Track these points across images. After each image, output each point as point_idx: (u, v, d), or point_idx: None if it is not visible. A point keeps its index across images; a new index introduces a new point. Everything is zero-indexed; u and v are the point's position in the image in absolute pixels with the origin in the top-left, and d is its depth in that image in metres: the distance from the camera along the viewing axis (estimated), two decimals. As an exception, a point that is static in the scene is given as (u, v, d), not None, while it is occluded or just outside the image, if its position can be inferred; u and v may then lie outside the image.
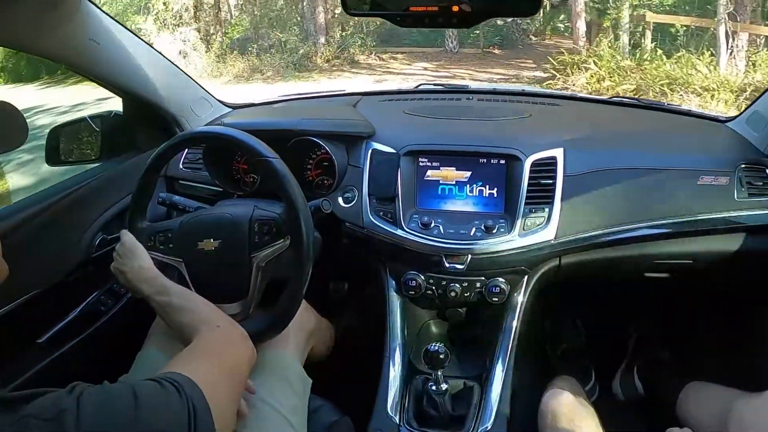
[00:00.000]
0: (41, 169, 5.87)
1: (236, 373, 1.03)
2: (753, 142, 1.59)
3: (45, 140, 1.71)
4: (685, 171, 1.50)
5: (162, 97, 1.66)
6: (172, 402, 0.79)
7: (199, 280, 1.30)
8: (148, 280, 1.22)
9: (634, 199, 1.49)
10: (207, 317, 1.12)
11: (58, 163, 1.72)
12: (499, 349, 1.48)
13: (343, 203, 1.55)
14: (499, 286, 1.49)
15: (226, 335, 1.08)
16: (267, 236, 1.27)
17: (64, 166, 1.75)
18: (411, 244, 1.48)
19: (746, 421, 1.23)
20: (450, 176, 1.53)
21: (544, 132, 1.59)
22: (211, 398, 0.84)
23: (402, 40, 13.30)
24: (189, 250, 1.29)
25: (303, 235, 1.22)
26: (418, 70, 11.86)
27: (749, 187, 1.48)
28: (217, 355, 1.01)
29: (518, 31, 12.83)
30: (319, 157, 1.63)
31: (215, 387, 0.88)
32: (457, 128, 1.64)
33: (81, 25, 1.28)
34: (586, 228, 1.47)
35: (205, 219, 1.32)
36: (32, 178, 6.28)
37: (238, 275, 1.27)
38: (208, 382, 0.86)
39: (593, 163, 1.50)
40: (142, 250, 1.26)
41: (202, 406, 0.81)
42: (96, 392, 0.75)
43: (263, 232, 1.27)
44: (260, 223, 1.27)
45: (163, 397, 0.79)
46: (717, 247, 1.54)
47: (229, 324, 1.12)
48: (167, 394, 0.79)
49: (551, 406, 1.35)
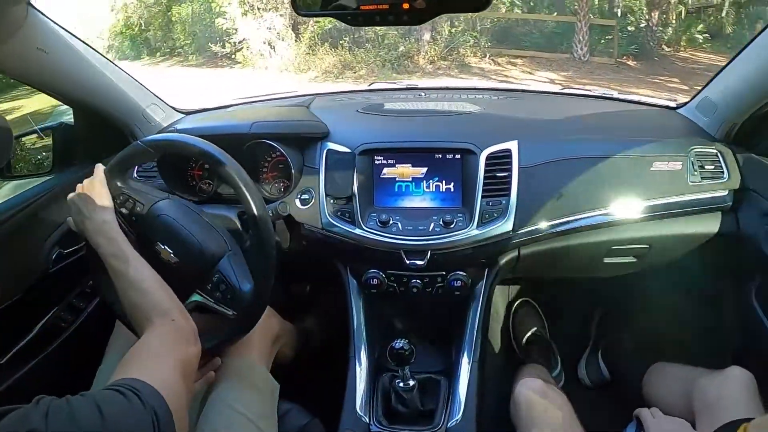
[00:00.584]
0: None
1: (189, 372, 1.03)
2: (703, 127, 1.63)
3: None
4: (638, 158, 1.52)
5: (113, 105, 1.63)
6: (135, 411, 0.79)
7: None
8: (108, 238, 1.16)
9: (590, 188, 1.51)
10: (161, 305, 1.08)
11: (8, 177, 1.68)
12: (464, 341, 1.49)
13: (301, 205, 1.54)
14: (461, 279, 1.51)
15: (179, 332, 1.06)
16: (218, 293, 1.24)
17: (15, 180, 1.72)
18: (370, 243, 1.48)
19: (710, 397, 1.26)
20: (406, 173, 1.54)
21: (498, 125, 1.60)
22: (171, 402, 0.84)
23: (521, 41, 11.54)
24: (146, 240, 1.25)
25: (264, 238, 1.22)
26: (541, 79, 9.96)
27: (701, 171, 1.51)
28: (171, 354, 0.99)
29: (652, 39, 10.94)
30: (274, 159, 1.62)
31: (173, 389, 0.88)
32: (411, 125, 1.64)
33: (28, 34, 1.25)
34: (543, 218, 1.49)
35: (175, 228, 1.26)
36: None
37: (177, 292, 1.21)
38: (166, 386, 0.86)
39: (547, 154, 1.52)
40: (110, 201, 1.21)
41: (163, 411, 0.82)
42: (62, 408, 0.74)
43: (218, 288, 1.24)
44: (221, 278, 1.24)
45: (126, 407, 0.79)
46: (672, 231, 1.57)
47: (183, 319, 1.09)
48: (129, 402, 0.79)
49: (524, 395, 1.37)
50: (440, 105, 1.74)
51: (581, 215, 1.50)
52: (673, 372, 1.56)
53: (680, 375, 1.49)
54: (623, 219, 1.52)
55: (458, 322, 1.55)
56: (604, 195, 1.51)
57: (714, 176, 1.51)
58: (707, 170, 1.52)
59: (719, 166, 1.52)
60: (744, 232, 1.51)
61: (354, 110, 1.72)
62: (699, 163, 1.52)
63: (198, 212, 1.33)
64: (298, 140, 1.60)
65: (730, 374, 1.28)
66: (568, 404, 1.36)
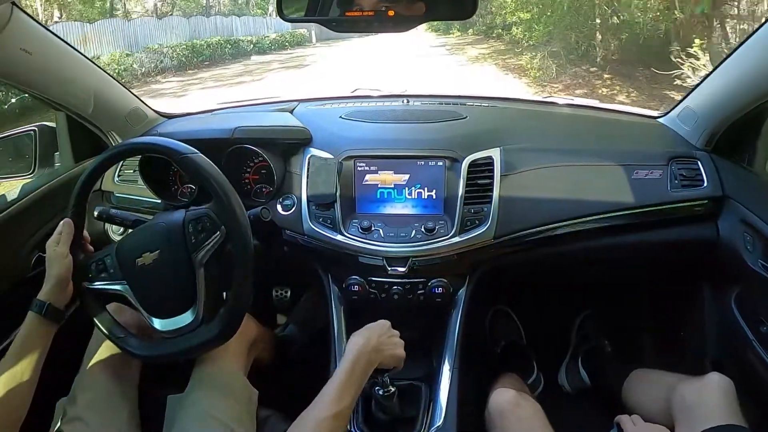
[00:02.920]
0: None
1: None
2: (684, 136, 1.64)
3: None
4: (619, 166, 1.54)
5: (95, 108, 1.62)
6: None
7: (147, 297, 1.27)
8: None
9: (571, 196, 1.52)
10: None
11: None
12: (445, 348, 1.49)
13: (283, 210, 1.54)
14: (442, 286, 1.51)
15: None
16: (203, 233, 1.23)
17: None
18: (352, 249, 1.49)
19: (689, 402, 1.27)
20: (388, 180, 1.54)
21: (481, 133, 1.60)
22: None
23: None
24: (129, 270, 1.26)
25: (238, 223, 1.21)
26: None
27: (682, 179, 1.53)
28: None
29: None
30: (256, 164, 1.62)
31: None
32: (394, 132, 1.64)
33: (12, 34, 1.25)
34: (524, 226, 1.50)
35: (140, 234, 1.29)
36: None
37: (183, 281, 1.24)
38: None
39: (529, 162, 1.53)
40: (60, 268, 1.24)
41: None
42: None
43: (198, 230, 1.23)
44: (193, 222, 1.24)
45: None
46: (652, 238, 1.58)
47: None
48: None
49: (497, 405, 1.37)
50: (424, 112, 1.74)
51: (562, 222, 1.51)
52: (653, 378, 1.57)
53: (660, 381, 1.49)
54: (604, 226, 1.53)
55: (439, 328, 1.55)
56: (585, 202, 1.52)
57: (694, 184, 1.53)
58: (687, 178, 1.53)
59: (699, 174, 1.54)
60: (724, 239, 1.52)
61: (337, 116, 1.71)
62: (679, 172, 1.54)
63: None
64: (280, 146, 1.60)
65: (709, 380, 1.28)
66: (541, 413, 1.36)
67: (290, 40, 25.02)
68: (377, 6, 0.95)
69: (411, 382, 1.49)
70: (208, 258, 1.23)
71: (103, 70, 1.66)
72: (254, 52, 20.77)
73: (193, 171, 1.22)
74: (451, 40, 22.35)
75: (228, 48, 19.62)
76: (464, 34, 23.11)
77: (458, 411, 1.38)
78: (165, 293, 1.26)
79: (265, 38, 23.06)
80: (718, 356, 1.64)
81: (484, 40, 19.30)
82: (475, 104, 1.85)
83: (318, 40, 27.08)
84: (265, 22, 26.71)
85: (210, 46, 18.62)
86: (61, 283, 1.22)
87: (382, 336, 1.27)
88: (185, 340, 1.25)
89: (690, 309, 1.74)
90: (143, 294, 1.26)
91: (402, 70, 12.52)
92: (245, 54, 20.26)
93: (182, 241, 1.24)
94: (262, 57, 19.99)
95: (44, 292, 1.21)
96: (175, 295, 1.26)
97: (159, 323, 1.26)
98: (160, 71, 15.65)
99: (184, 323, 1.24)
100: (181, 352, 1.26)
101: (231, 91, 12.15)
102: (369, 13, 0.95)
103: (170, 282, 1.25)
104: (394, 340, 1.30)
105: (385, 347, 1.26)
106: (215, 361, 1.32)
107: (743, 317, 1.49)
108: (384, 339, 1.27)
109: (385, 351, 1.26)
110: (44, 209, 1.54)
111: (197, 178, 1.23)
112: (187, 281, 1.24)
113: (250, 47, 21.14)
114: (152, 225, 1.29)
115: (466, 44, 19.55)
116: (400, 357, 1.30)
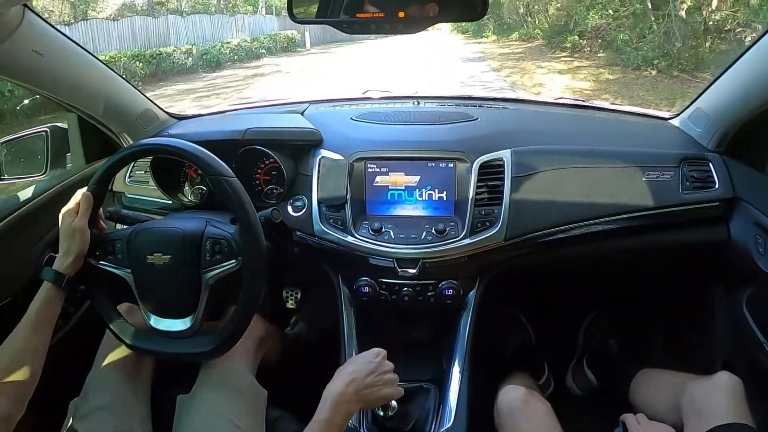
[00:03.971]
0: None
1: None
2: (696, 138, 1.64)
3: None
4: (630, 168, 1.53)
5: (107, 109, 1.63)
6: None
7: (146, 292, 1.29)
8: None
9: (582, 198, 1.51)
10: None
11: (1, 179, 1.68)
12: (455, 349, 1.50)
13: (293, 212, 1.55)
14: (452, 288, 1.52)
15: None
16: (218, 255, 1.25)
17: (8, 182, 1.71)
18: (362, 251, 1.49)
19: (697, 401, 1.27)
20: (399, 181, 1.54)
21: (492, 135, 1.60)
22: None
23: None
24: (138, 263, 1.27)
25: (256, 259, 1.23)
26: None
27: (693, 181, 1.52)
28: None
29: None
30: (267, 166, 1.62)
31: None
32: (404, 133, 1.64)
33: (24, 36, 1.25)
34: (535, 228, 1.49)
35: (156, 232, 1.29)
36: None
37: (186, 291, 1.26)
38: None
39: (540, 164, 1.52)
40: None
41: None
42: None
43: (215, 250, 1.25)
44: (212, 241, 1.25)
45: None
46: (664, 240, 1.58)
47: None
48: None
49: (506, 402, 1.37)
50: (435, 114, 1.74)
51: (573, 224, 1.51)
52: (661, 378, 1.56)
53: (668, 381, 1.49)
54: (615, 228, 1.52)
55: (449, 330, 1.55)
56: (596, 204, 1.51)
57: (705, 186, 1.52)
58: (699, 180, 1.52)
59: (710, 176, 1.53)
60: (735, 241, 1.51)
61: (348, 118, 1.72)
62: (690, 173, 1.53)
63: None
64: (291, 147, 1.60)
65: (719, 379, 1.28)
66: (551, 412, 1.36)
67: (270, 45, 20.62)
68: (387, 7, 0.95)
69: (421, 384, 1.50)
70: (216, 280, 1.25)
71: (115, 72, 1.67)
72: (200, 67, 16.36)
73: (225, 193, 1.23)
74: (489, 48, 16.61)
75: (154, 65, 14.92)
76: (504, 38, 17.74)
77: (468, 413, 1.39)
78: (167, 296, 1.29)
79: (221, 46, 18.08)
80: (729, 357, 1.63)
81: (548, 52, 13.31)
82: (485, 105, 1.84)
83: (314, 44, 23.22)
84: (234, 21, 21.66)
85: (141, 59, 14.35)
86: (80, 257, 1.24)
87: (370, 376, 1.18)
88: (177, 345, 1.28)
89: (700, 311, 1.74)
90: (145, 289, 1.29)
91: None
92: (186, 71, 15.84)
93: (196, 255, 1.25)
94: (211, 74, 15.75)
95: (63, 264, 1.22)
96: (176, 301, 1.28)
97: (154, 320, 1.29)
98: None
99: (179, 329, 1.27)
100: (172, 354, 1.29)
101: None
102: (379, 14, 0.96)
103: (174, 288, 1.27)
104: (385, 378, 1.20)
105: (370, 390, 1.17)
106: (223, 360, 1.33)
107: (754, 319, 1.48)
108: (371, 380, 1.18)
109: (370, 396, 1.18)
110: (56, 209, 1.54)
111: (228, 200, 1.24)
112: (190, 293, 1.26)
113: (188, 60, 16.24)
114: (170, 228, 1.29)
115: (517, 56, 13.83)
116: (391, 396, 1.24)
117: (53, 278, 1.20)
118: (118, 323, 1.31)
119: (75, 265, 1.23)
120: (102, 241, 1.30)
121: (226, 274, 1.25)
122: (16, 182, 1.72)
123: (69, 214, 1.25)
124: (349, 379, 1.16)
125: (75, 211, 1.26)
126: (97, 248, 1.29)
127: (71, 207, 1.27)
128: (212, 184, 1.25)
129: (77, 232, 1.23)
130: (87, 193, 1.28)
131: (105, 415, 1.25)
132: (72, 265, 1.23)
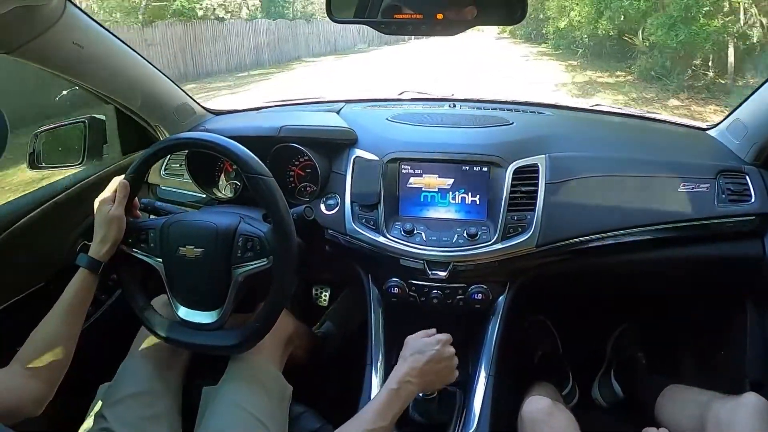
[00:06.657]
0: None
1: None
2: (733, 150, 1.61)
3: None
4: (665, 178, 1.51)
5: (144, 102, 1.65)
6: None
7: (176, 283, 1.30)
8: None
9: (615, 207, 1.50)
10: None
11: (39, 167, 1.71)
12: (482, 354, 1.49)
13: (326, 210, 1.55)
14: (482, 292, 1.51)
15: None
16: (250, 252, 1.26)
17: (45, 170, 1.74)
18: (393, 252, 1.49)
19: (723, 422, 1.25)
20: (432, 183, 1.54)
21: (527, 140, 1.59)
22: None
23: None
24: (170, 254, 1.29)
25: (287, 259, 1.24)
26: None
27: (729, 194, 1.50)
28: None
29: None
30: (301, 163, 1.63)
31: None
32: (439, 135, 1.64)
33: (64, 28, 1.27)
34: (567, 235, 1.48)
35: (189, 225, 1.31)
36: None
37: (215, 285, 1.27)
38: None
39: (575, 171, 1.51)
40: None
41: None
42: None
43: (247, 247, 1.26)
44: (245, 238, 1.26)
45: None
46: (697, 253, 1.56)
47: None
48: None
49: (530, 413, 1.36)
50: (470, 117, 1.74)
51: (606, 233, 1.49)
52: (688, 395, 1.54)
53: (694, 398, 1.47)
54: (648, 239, 1.51)
55: (477, 334, 1.54)
56: (630, 214, 1.50)
57: (741, 199, 1.50)
58: (735, 193, 1.50)
59: (747, 189, 1.51)
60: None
61: (384, 118, 1.72)
62: (727, 186, 1.51)
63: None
64: (326, 145, 1.61)
65: (745, 400, 1.26)
66: (574, 424, 1.34)
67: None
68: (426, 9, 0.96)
69: (446, 387, 1.49)
70: (246, 277, 1.27)
71: (153, 65, 1.69)
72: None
73: (261, 192, 1.25)
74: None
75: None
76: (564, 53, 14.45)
77: (491, 419, 1.38)
78: (195, 288, 1.30)
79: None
80: (759, 377, 1.60)
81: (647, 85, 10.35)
82: (521, 110, 1.83)
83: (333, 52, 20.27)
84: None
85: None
86: (115, 244, 1.27)
87: (436, 362, 1.24)
88: (203, 337, 1.29)
89: (732, 327, 1.71)
90: (175, 279, 1.31)
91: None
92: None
93: (228, 251, 1.27)
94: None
95: (99, 251, 1.24)
96: (204, 294, 1.29)
97: (183, 311, 1.30)
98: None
99: (206, 321, 1.29)
100: (196, 345, 1.31)
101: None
102: (417, 16, 0.96)
103: (204, 282, 1.29)
104: (450, 364, 1.28)
105: (433, 377, 1.25)
106: (251, 355, 1.34)
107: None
108: (436, 367, 1.24)
109: (434, 383, 1.27)
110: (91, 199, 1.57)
111: (263, 200, 1.25)
112: (219, 287, 1.27)
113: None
114: (203, 222, 1.31)
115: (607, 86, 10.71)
116: (450, 382, 1.30)
117: (88, 264, 1.22)
118: (146, 312, 1.33)
119: (110, 252, 1.25)
120: (136, 229, 1.32)
121: (256, 272, 1.26)
122: (53, 170, 1.75)
123: (105, 203, 1.27)
124: (417, 363, 1.22)
125: (111, 199, 1.28)
126: (130, 236, 1.31)
127: (108, 195, 1.29)
128: (249, 183, 1.26)
129: (114, 220, 1.26)
130: (124, 182, 1.30)
131: (133, 404, 1.26)
132: (107, 252, 1.25)
